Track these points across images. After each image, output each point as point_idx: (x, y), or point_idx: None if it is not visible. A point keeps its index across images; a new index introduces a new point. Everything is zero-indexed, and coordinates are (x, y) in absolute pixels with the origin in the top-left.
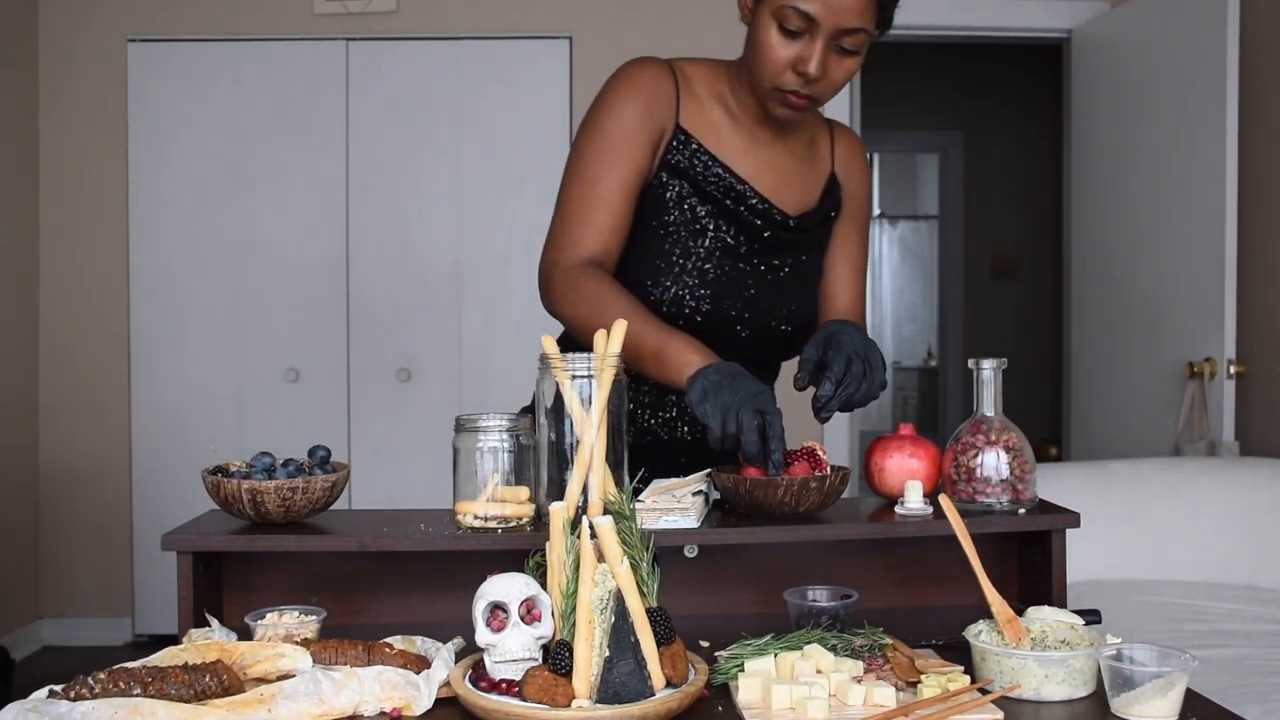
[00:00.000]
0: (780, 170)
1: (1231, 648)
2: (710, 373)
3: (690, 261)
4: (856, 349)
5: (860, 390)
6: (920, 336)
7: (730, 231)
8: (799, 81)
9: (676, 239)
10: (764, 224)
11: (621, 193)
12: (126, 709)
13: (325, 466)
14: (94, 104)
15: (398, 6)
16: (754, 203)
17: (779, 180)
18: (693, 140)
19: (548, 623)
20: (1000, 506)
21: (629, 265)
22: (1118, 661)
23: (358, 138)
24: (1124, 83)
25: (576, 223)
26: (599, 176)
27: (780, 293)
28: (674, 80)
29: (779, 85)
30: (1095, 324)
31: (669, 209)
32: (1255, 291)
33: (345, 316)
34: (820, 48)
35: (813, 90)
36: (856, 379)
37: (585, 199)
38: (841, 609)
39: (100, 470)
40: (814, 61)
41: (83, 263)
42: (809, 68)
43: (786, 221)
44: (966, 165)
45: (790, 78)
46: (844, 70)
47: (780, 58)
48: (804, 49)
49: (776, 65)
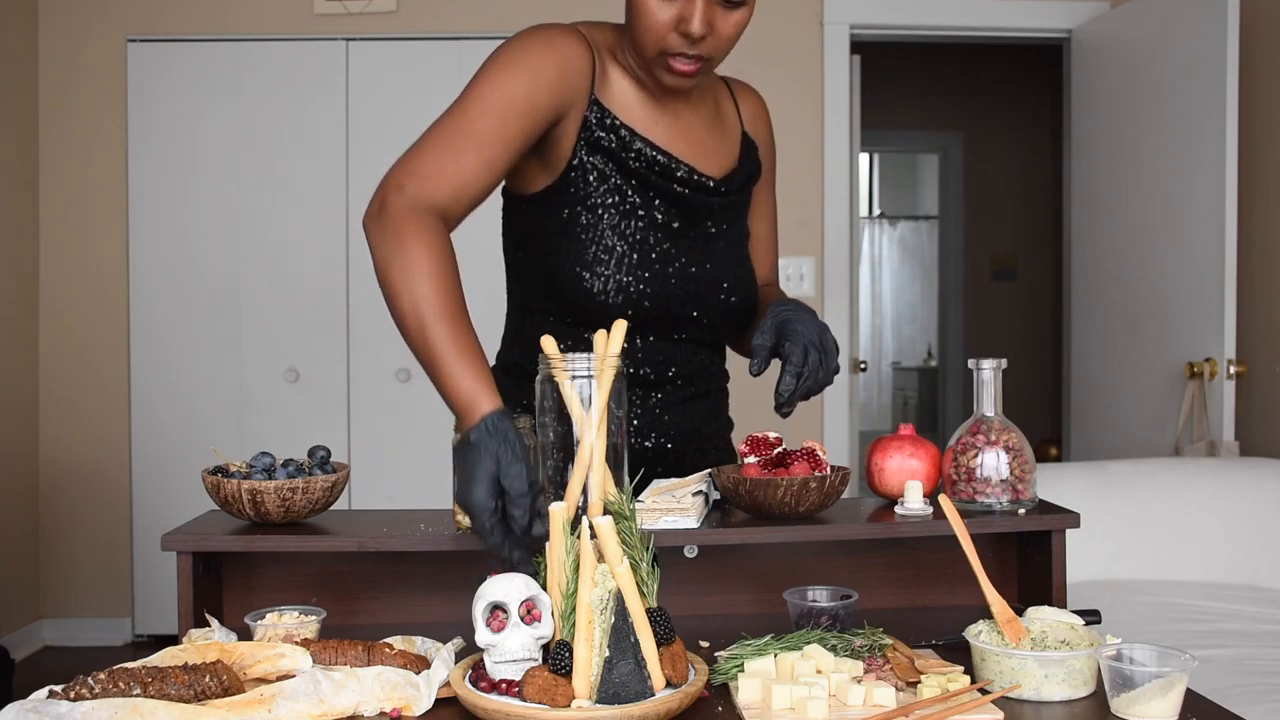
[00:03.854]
0: (695, 136)
1: (1231, 648)
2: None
3: (625, 245)
4: (812, 338)
5: (817, 380)
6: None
7: (660, 206)
8: (684, 43)
9: (607, 222)
10: (692, 193)
11: (500, 145)
12: (126, 709)
13: (325, 466)
14: (94, 104)
15: (398, 6)
16: (679, 173)
17: (695, 147)
18: (608, 114)
19: (548, 623)
20: (1000, 506)
21: (558, 259)
22: (1118, 661)
23: (358, 138)
24: (1124, 83)
25: (441, 155)
26: (481, 120)
27: (719, 263)
28: (591, 55)
29: (664, 49)
30: (1095, 324)
31: (594, 192)
32: (1255, 291)
33: (345, 316)
34: (700, 4)
35: (701, 50)
36: (814, 370)
37: (458, 137)
38: (841, 609)
39: (100, 470)
40: (696, 19)
41: (83, 262)
42: (692, 26)
43: (715, 187)
44: (966, 165)
45: (674, 39)
46: (732, 24)
47: (660, 20)
48: (684, 7)
49: (658, 28)
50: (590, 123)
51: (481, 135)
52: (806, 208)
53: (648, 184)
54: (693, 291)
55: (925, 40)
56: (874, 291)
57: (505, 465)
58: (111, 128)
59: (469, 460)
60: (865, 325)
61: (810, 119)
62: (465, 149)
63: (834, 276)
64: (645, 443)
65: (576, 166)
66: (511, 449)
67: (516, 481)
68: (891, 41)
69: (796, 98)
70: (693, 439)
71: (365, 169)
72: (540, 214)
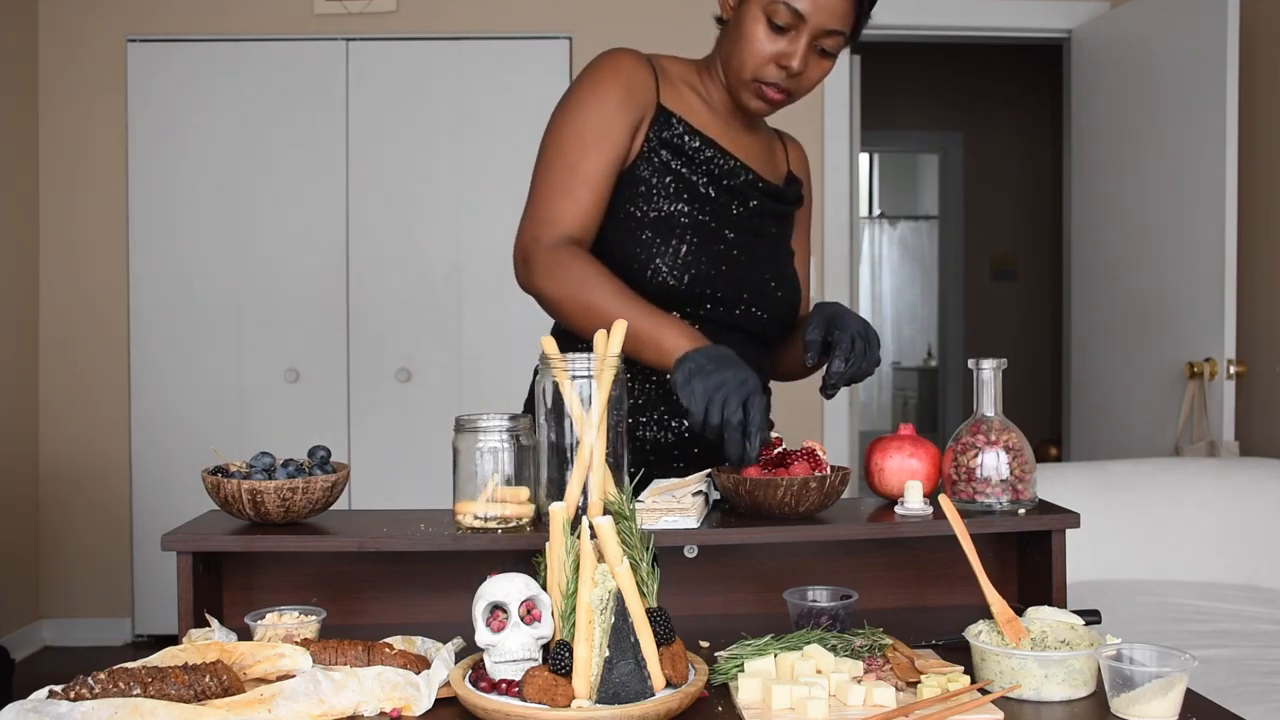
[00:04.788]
0: (753, 153)
1: (1231, 648)
2: (698, 355)
3: (690, 232)
4: (858, 329)
5: (862, 366)
6: (920, 336)
7: (722, 200)
8: (780, 75)
9: (673, 211)
10: (750, 190)
11: (603, 173)
12: (126, 709)
13: (325, 466)
14: (94, 104)
15: (398, 6)
16: (743, 174)
17: (752, 159)
18: (674, 117)
19: (548, 623)
20: (1000, 506)
21: (617, 251)
22: (1118, 661)
23: (358, 138)
24: (1124, 83)
25: (558, 200)
26: (581, 157)
27: (772, 263)
28: (652, 69)
29: (760, 77)
30: (1095, 324)
31: (661, 182)
32: (1255, 291)
33: (345, 316)
34: (804, 44)
35: (791, 85)
36: (860, 356)
37: (567, 178)
38: (841, 609)
39: (100, 470)
40: (798, 57)
41: (82, 262)
42: (793, 62)
43: (771, 188)
44: (966, 165)
45: (772, 71)
46: (820, 70)
47: (765, 50)
48: (789, 44)
49: (760, 57)
50: (659, 123)
51: (587, 171)
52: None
53: (711, 176)
54: (748, 283)
55: (925, 40)
56: (874, 291)
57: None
58: (111, 127)
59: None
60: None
61: (810, 119)
62: (577, 187)
63: (834, 276)
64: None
65: (644, 158)
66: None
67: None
68: (891, 41)
69: None
70: None
71: (365, 169)
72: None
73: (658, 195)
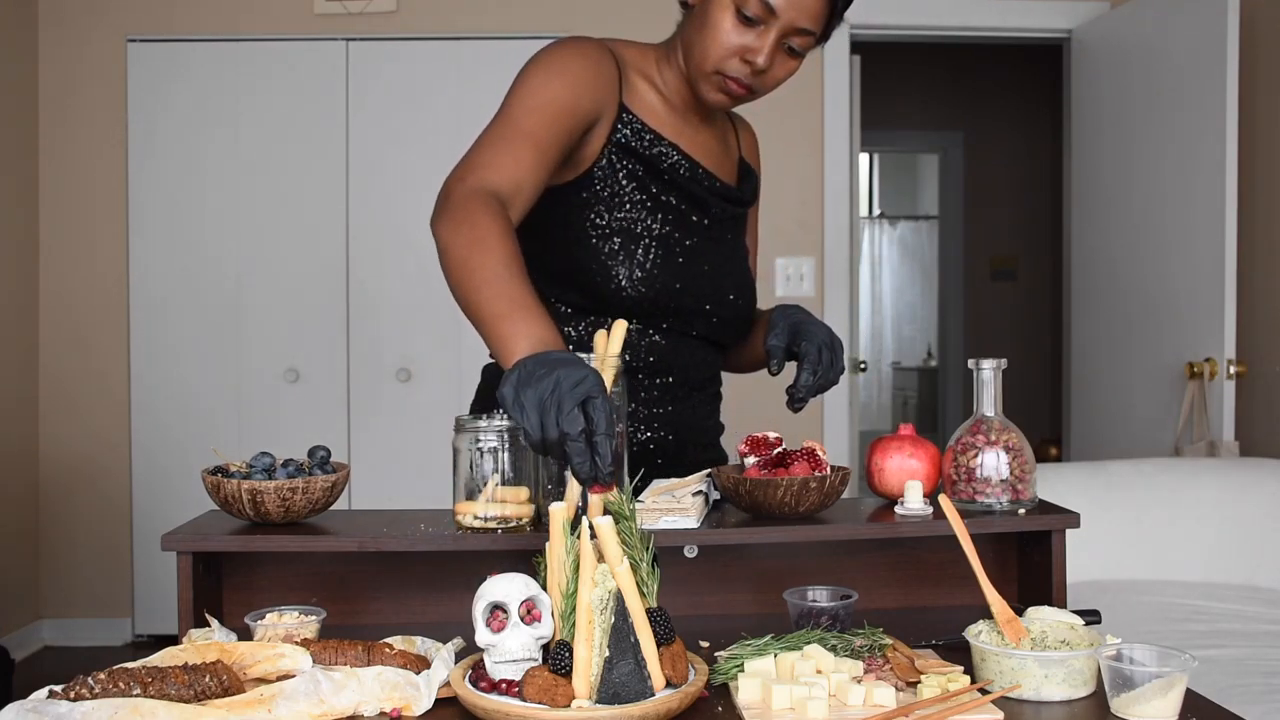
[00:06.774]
0: (709, 150)
1: (1231, 648)
2: (528, 362)
3: (649, 239)
4: (824, 339)
5: (830, 377)
6: (920, 336)
7: (682, 206)
8: (745, 70)
9: (632, 217)
10: (712, 196)
11: (553, 143)
12: (126, 709)
13: (325, 467)
14: (94, 104)
15: (398, 6)
16: (702, 178)
17: (709, 159)
18: (636, 119)
19: (547, 623)
20: (1000, 506)
21: (580, 250)
22: (1118, 661)
23: (358, 138)
24: (1124, 83)
25: (500, 151)
26: (538, 124)
27: (728, 267)
28: (616, 63)
29: (723, 70)
30: (1095, 324)
31: (622, 189)
32: (1255, 291)
33: (345, 317)
34: (773, 41)
35: (754, 82)
36: (826, 368)
37: (513, 134)
38: (841, 609)
39: (100, 470)
40: (764, 53)
41: (82, 262)
42: (759, 58)
43: (730, 192)
44: (966, 165)
45: (736, 64)
46: (786, 70)
47: (731, 43)
48: (757, 39)
49: (725, 49)
50: (619, 125)
51: (532, 132)
52: (806, 208)
53: (674, 184)
54: (707, 289)
55: (925, 40)
56: (874, 291)
57: (583, 383)
58: (111, 128)
59: (538, 388)
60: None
61: (810, 119)
62: (519, 144)
63: (834, 276)
64: (648, 433)
65: (604, 165)
66: (578, 365)
67: (599, 389)
68: (891, 41)
69: (796, 97)
70: (693, 432)
71: (365, 169)
72: (562, 207)
73: (618, 203)
